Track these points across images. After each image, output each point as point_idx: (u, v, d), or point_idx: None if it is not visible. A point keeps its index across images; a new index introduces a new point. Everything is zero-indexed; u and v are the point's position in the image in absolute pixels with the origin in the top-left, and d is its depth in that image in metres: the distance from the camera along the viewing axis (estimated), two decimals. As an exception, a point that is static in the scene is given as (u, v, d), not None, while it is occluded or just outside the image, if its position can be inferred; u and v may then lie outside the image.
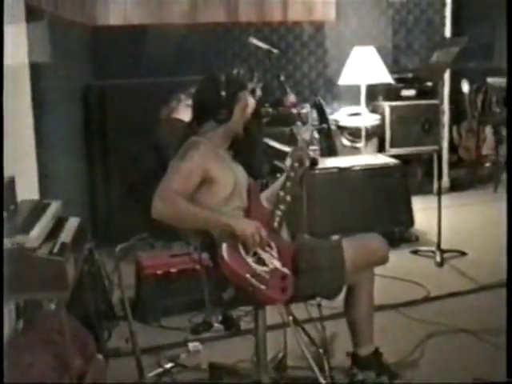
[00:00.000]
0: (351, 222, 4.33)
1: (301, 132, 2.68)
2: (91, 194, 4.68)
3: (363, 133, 5.49)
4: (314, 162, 2.75)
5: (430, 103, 5.49)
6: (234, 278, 2.29)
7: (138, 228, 3.50)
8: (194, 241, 2.57)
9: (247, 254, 2.34)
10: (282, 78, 4.91)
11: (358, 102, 5.50)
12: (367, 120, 5.52)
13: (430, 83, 5.47)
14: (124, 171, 4.53)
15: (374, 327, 2.71)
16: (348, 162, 4.66)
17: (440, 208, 4.24)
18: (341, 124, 5.59)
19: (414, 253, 4.38)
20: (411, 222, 4.60)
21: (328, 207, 4.38)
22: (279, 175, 2.67)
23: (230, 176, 2.47)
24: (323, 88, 5.76)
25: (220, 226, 2.37)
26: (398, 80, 5.58)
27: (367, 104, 5.54)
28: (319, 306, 2.55)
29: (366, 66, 5.36)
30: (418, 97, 5.57)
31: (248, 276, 2.27)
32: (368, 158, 5.03)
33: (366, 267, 2.62)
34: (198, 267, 2.59)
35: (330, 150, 5.50)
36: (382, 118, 5.54)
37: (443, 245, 4.23)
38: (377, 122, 5.54)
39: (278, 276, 2.35)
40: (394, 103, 5.54)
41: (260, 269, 2.31)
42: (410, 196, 4.64)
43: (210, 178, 2.41)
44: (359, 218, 4.38)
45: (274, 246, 2.41)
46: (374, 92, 5.57)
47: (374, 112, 5.63)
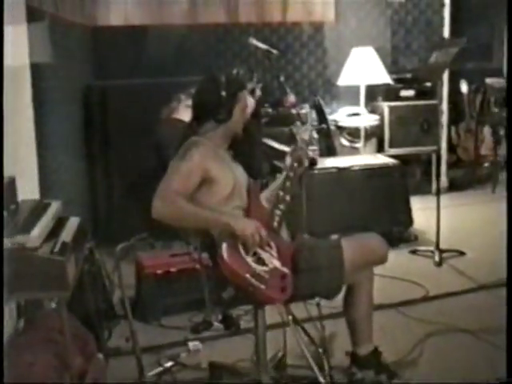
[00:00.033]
0: (350, 222, 4.33)
1: (300, 132, 2.67)
2: (91, 193, 4.68)
3: (362, 133, 5.50)
4: (313, 162, 2.76)
5: (428, 103, 5.48)
6: (234, 277, 2.28)
7: (138, 228, 3.50)
8: (193, 240, 2.57)
9: (247, 253, 2.33)
10: (282, 79, 4.90)
11: (357, 103, 5.52)
12: (366, 120, 5.53)
13: (428, 84, 5.47)
14: (124, 171, 4.53)
15: (373, 326, 2.70)
16: (347, 162, 4.65)
17: (439, 208, 4.24)
18: (340, 124, 5.59)
19: (412, 252, 4.38)
20: (410, 221, 4.61)
21: (327, 207, 4.39)
22: (279, 175, 2.67)
23: (229, 176, 2.47)
24: (322, 88, 5.75)
25: (220, 226, 2.36)
26: (396, 80, 5.59)
27: (366, 104, 5.55)
28: (318, 306, 2.55)
29: (365, 67, 5.37)
30: (416, 97, 5.57)
31: (248, 276, 2.27)
32: (367, 158, 5.03)
33: (365, 267, 2.62)
34: (197, 267, 2.59)
35: (329, 150, 5.49)
36: (381, 119, 5.54)
37: (442, 244, 4.24)
38: (376, 123, 5.54)
39: (277, 275, 2.35)
40: (392, 103, 5.54)
41: (260, 268, 2.31)
42: (408, 196, 4.64)
43: (209, 177, 2.41)
44: (358, 217, 4.38)
45: (273, 245, 2.41)
46: (373, 92, 5.58)
47: (373, 112, 5.63)
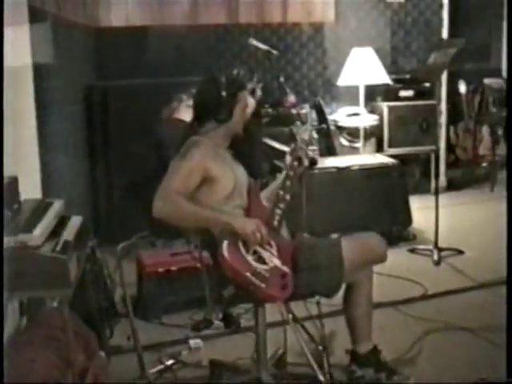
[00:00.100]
0: (350, 221, 4.34)
1: (300, 132, 2.67)
2: (93, 193, 4.68)
3: (362, 133, 5.50)
4: (313, 162, 2.76)
5: (427, 104, 5.49)
6: (235, 276, 2.29)
7: (140, 227, 3.54)
8: (194, 239, 2.57)
9: (247, 252, 2.34)
10: (282, 79, 4.92)
11: (357, 103, 5.52)
12: (366, 120, 5.53)
13: (427, 84, 5.48)
14: (125, 171, 4.53)
15: (373, 325, 2.71)
16: (347, 162, 4.66)
17: (437, 207, 4.25)
18: (340, 124, 5.59)
19: (411, 251, 4.38)
20: (409, 220, 4.62)
21: (327, 206, 4.39)
22: (279, 174, 2.68)
23: (230, 175, 2.47)
24: (322, 88, 5.75)
25: (220, 225, 2.38)
26: (396, 81, 5.59)
27: (366, 104, 5.55)
28: (318, 304, 2.56)
29: (364, 67, 5.37)
30: (415, 97, 5.57)
31: (248, 274, 2.28)
32: (366, 157, 5.03)
33: (365, 265, 2.63)
34: (198, 265, 2.60)
35: (329, 149, 5.49)
36: (381, 119, 5.54)
37: (440, 243, 4.24)
38: (375, 123, 5.55)
39: (277, 274, 2.36)
40: (392, 104, 5.54)
41: (260, 267, 2.32)
42: (407, 195, 4.65)
43: (210, 177, 2.41)
44: (358, 216, 4.39)
45: (273, 244, 2.41)
46: (373, 92, 5.58)
47: (372, 112, 5.63)
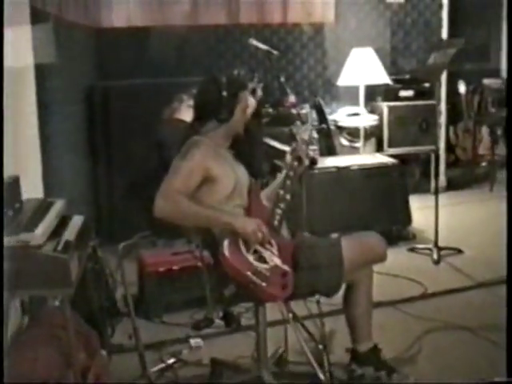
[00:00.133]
0: (350, 221, 4.34)
1: (300, 132, 2.67)
2: (95, 192, 4.68)
3: (362, 133, 5.51)
4: (313, 162, 2.77)
5: (427, 104, 5.48)
6: (235, 275, 2.31)
7: (141, 226, 3.55)
8: (195, 239, 2.58)
9: (248, 251, 2.35)
10: (282, 79, 4.92)
11: (357, 103, 5.53)
12: (366, 120, 5.54)
13: (427, 84, 5.48)
14: (127, 170, 4.53)
15: (373, 324, 2.72)
16: (347, 162, 4.66)
17: (437, 207, 4.25)
18: (340, 124, 5.60)
19: (411, 250, 4.39)
20: (409, 220, 4.62)
21: (327, 206, 4.40)
22: (279, 174, 2.69)
23: (230, 175, 2.48)
24: (322, 89, 5.75)
25: (221, 225, 2.39)
26: (395, 81, 5.59)
27: (366, 104, 5.55)
28: (318, 303, 2.57)
29: (364, 67, 5.37)
30: (415, 97, 5.57)
31: (249, 273, 2.29)
32: (366, 157, 5.04)
33: (365, 265, 2.64)
34: (199, 265, 2.60)
35: (329, 149, 5.49)
36: (381, 119, 5.55)
37: (440, 243, 4.25)
38: (375, 122, 5.55)
39: (278, 273, 2.37)
40: (392, 104, 5.55)
41: (261, 266, 2.33)
42: (407, 195, 4.65)
43: (211, 176, 2.42)
44: (358, 216, 4.39)
45: (274, 243, 2.42)
46: (373, 92, 5.58)
47: (372, 112, 5.64)
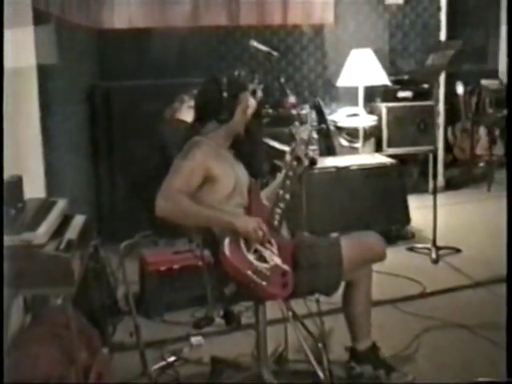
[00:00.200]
0: (349, 220, 4.35)
1: (299, 132, 2.69)
2: (97, 192, 4.68)
3: (361, 133, 5.51)
4: (313, 162, 2.79)
5: (425, 104, 5.49)
6: (236, 274, 2.32)
7: (142, 226, 3.57)
8: (196, 238, 2.59)
9: (248, 250, 2.37)
10: (282, 80, 4.96)
11: (356, 103, 5.53)
12: (365, 121, 5.55)
13: (425, 85, 5.49)
14: (128, 170, 4.54)
15: (372, 322, 2.74)
16: (346, 162, 4.68)
17: (435, 206, 4.26)
18: (339, 124, 5.60)
19: (410, 250, 4.40)
20: (407, 219, 4.63)
21: (326, 205, 4.40)
22: (279, 174, 2.70)
23: (231, 174, 2.49)
24: (322, 89, 5.76)
25: (222, 224, 2.40)
26: (394, 82, 5.60)
27: (365, 105, 5.56)
28: (318, 302, 2.59)
29: (363, 68, 5.38)
30: (414, 98, 5.58)
31: (249, 272, 2.31)
32: (365, 157, 5.04)
33: (364, 264, 2.65)
34: (200, 264, 2.62)
35: (329, 149, 5.50)
36: (379, 119, 5.56)
37: (438, 242, 4.26)
38: (374, 123, 5.56)
39: (278, 272, 2.38)
40: (390, 104, 5.56)
41: (261, 265, 2.35)
42: (406, 195, 4.67)
43: (211, 176, 2.44)
44: (357, 216, 4.40)
45: (274, 243, 2.44)
46: (372, 93, 5.59)
47: (371, 113, 5.65)
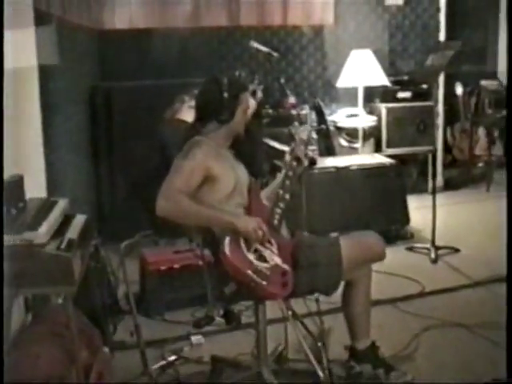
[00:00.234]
0: (349, 220, 4.36)
1: (298, 132, 2.69)
2: (97, 192, 4.69)
3: (360, 133, 5.52)
4: (313, 162, 2.80)
5: (424, 105, 5.49)
6: (236, 273, 2.33)
7: (143, 225, 3.57)
8: (196, 238, 2.59)
9: (248, 250, 2.37)
10: (282, 81, 4.98)
11: (356, 104, 5.55)
12: (364, 121, 5.56)
13: (425, 86, 5.50)
14: (129, 170, 4.55)
15: (371, 321, 2.75)
16: (346, 162, 4.68)
17: (434, 206, 4.27)
18: (339, 125, 5.61)
19: (409, 249, 4.41)
20: (407, 219, 4.64)
21: (326, 205, 4.41)
22: (279, 174, 2.71)
23: (231, 174, 2.50)
24: (322, 90, 5.76)
25: (222, 224, 2.41)
26: (394, 82, 5.61)
27: (364, 105, 5.57)
28: (317, 301, 2.60)
29: (363, 69, 5.39)
30: (413, 99, 5.59)
31: (249, 272, 2.32)
32: (365, 157, 5.05)
33: (363, 264, 2.66)
34: (200, 263, 2.62)
35: (329, 150, 5.51)
36: (379, 119, 5.57)
37: (437, 242, 4.27)
38: (374, 123, 5.57)
39: (278, 272, 2.39)
40: (390, 105, 5.57)
41: (261, 265, 2.35)
42: (405, 195, 4.67)
43: (211, 176, 2.44)
44: (356, 215, 4.41)
45: (274, 242, 2.44)
46: (371, 94, 5.61)
47: (370, 113, 5.65)
